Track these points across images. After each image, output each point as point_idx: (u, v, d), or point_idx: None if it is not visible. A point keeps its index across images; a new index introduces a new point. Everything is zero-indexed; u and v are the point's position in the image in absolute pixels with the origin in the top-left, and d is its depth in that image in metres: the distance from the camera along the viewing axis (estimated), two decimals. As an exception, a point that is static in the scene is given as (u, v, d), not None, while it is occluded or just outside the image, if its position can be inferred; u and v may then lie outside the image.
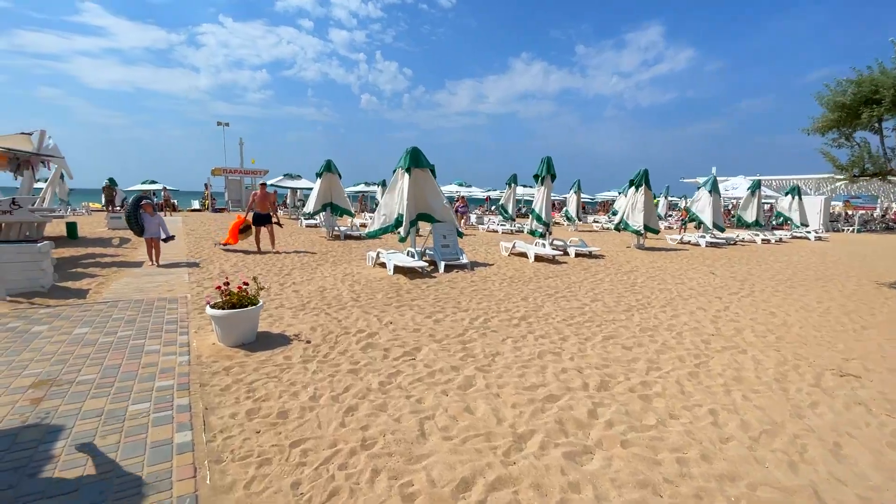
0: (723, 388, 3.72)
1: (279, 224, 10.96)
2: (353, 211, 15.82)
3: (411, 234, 9.36)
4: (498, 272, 8.95)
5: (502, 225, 19.75)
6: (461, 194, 25.33)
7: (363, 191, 34.41)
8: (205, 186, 30.48)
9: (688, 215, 17.51)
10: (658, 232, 14.27)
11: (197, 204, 30.84)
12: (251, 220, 10.70)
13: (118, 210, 19.74)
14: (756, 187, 18.35)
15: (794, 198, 20.63)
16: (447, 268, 8.95)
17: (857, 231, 25.06)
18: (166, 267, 8.49)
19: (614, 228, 14.48)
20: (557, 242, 12.12)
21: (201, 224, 18.13)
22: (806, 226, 20.54)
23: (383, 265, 9.00)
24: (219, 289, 4.48)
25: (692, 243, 15.55)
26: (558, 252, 11.03)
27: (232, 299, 4.40)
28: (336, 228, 14.45)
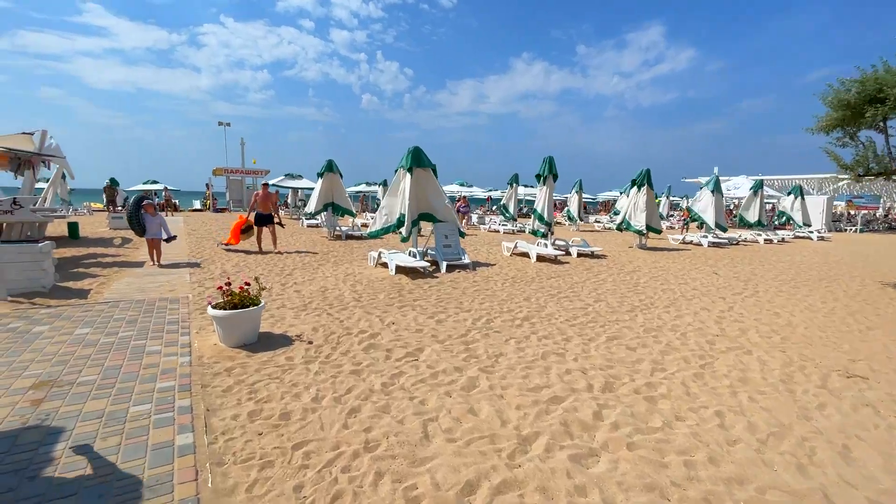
0: (729, 390, 3.69)
1: (281, 224, 10.92)
2: (355, 211, 15.79)
3: (413, 234, 9.33)
4: (500, 272, 8.92)
5: (504, 225, 19.71)
6: (463, 194, 25.30)
7: (364, 191, 34.40)
8: (206, 186, 30.50)
9: (690, 215, 17.46)
10: (660, 232, 14.23)
11: (198, 204, 30.85)
12: (253, 221, 10.68)
13: (119, 210, 19.75)
14: (759, 187, 18.29)
15: (797, 198, 20.57)
16: (449, 268, 8.92)
17: (860, 231, 24.98)
18: (168, 267, 8.47)
19: (616, 228, 14.44)
20: (559, 242, 12.09)
21: (203, 224, 18.13)
22: (808, 226, 20.48)
23: (385, 265, 8.98)
24: (220, 289, 4.46)
25: (694, 243, 15.51)
26: (560, 252, 10.99)
27: (233, 299, 4.38)
28: (337, 228, 14.43)
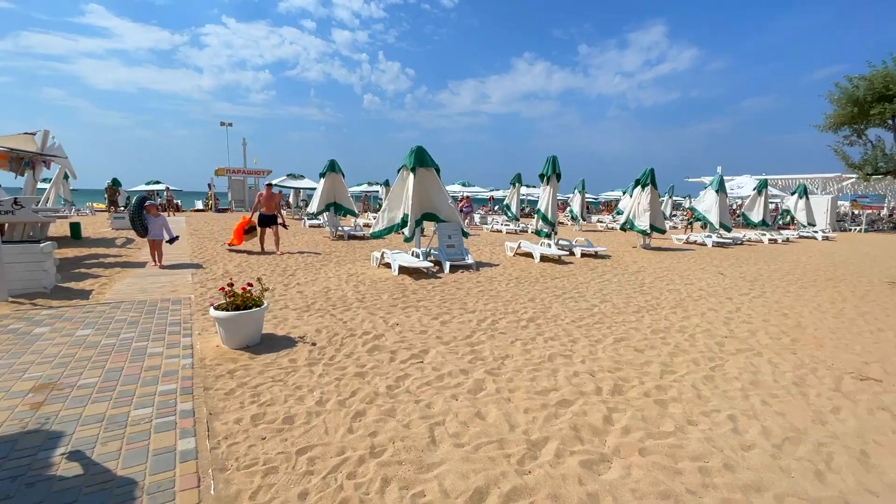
0: (740, 393, 3.61)
1: (284, 226, 10.84)
2: (357, 211, 15.74)
3: (416, 235, 9.27)
4: (504, 272, 8.85)
5: (506, 225, 19.64)
6: (465, 194, 25.23)
7: (366, 191, 34.38)
8: (208, 186, 30.51)
9: (693, 215, 17.36)
10: (664, 232, 14.14)
11: (200, 204, 30.86)
12: (257, 221, 10.62)
13: (121, 210, 19.74)
14: (763, 186, 18.18)
15: (801, 197, 20.44)
16: (452, 268, 8.86)
17: (865, 231, 24.82)
18: (170, 268, 8.42)
19: (620, 228, 14.36)
20: (563, 242, 12.02)
21: (205, 224, 18.11)
22: (813, 225, 20.35)
23: (388, 265, 8.92)
24: (222, 290, 4.40)
25: (698, 243, 15.42)
26: (564, 252, 10.92)
27: (236, 301, 4.32)
28: (339, 228, 14.38)
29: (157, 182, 30.80)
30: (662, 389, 3.63)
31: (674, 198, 31.12)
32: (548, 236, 11.71)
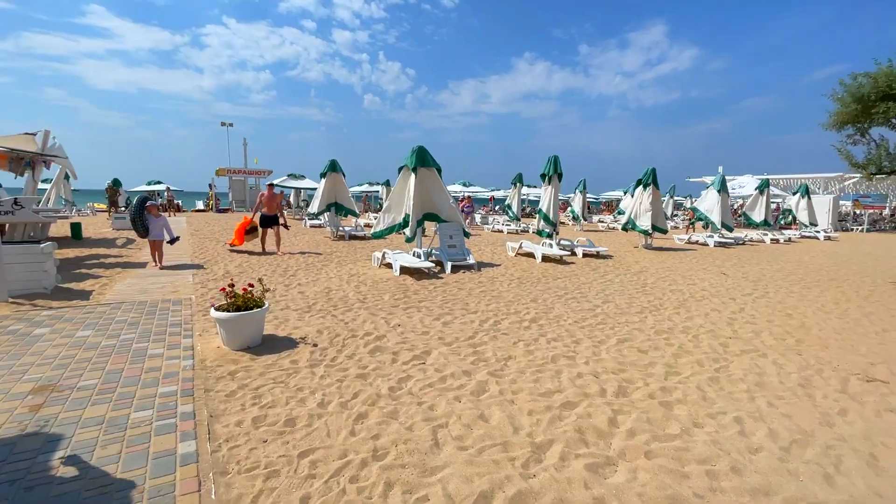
0: (746, 395, 3.57)
1: (286, 226, 10.80)
2: (357, 211, 15.71)
3: (417, 235, 9.24)
4: (505, 273, 8.81)
5: (507, 225, 19.61)
6: (466, 194, 25.20)
7: (366, 191, 34.35)
8: (209, 187, 30.50)
9: (695, 215, 17.31)
10: (666, 232, 14.10)
11: (201, 204, 30.85)
12: (258, 222, 10.58)
13: (122, 211, 19.71)
14: (765, 186, 18.12)
15: (803, 197, 20.38)
16: (454, 268, 8.82)
17: (867, 230, 24.75)
18: (170, 268, 8.40)
19: (622, 228, 14.32)
20: (564, 242, 11.98)
21: (206, 224, 18.09)
22: (815, 225, 20.28)
23: (389, 266, 8.89)
24: (223, 291, 4.37)
25: (700, 243, 15.37)
26: (566, 252, 10.88)
27: (237, 301, 4.29)
28: (340, 229, 14.36)
29: (159, 182, 30.78)
30: (667, 391, 3.60)
31: (675, 198, 31.08)
32: (549, 236, 11.67)
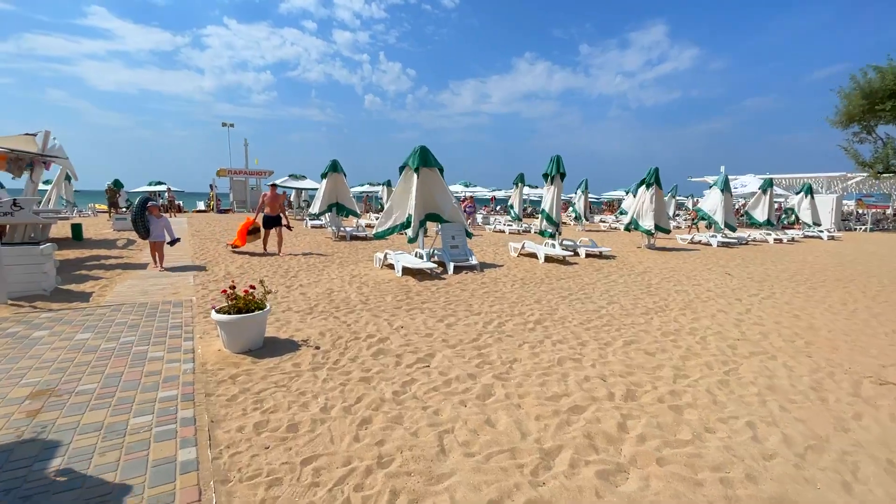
0: (757, 398, 3.50)
1: (289, 227, 10.74)
2: (359, 211, 15.66)
3: (419, 235, 9.18)
4: (508, 273, 8.74)
5: (509, 225, 19.53)
6: (468, 194, 25.13)
7: (367, 191, 34.29)
8: (210, 187, 30.46)
9: (698, 215, 17.22)
10: (669, 232, 14.02)
11: (202, 205, 30.81)
12: (261, 223, 10.51)
13: (123, 212, 19.67)
14: (768, 186, 18.02)
15: (807, 196, 20.27)
16: (456, 269, 8.75)
17: (870, 230, 24.63)
18: (171, 269, 8.34)
19: (624, 229, 14.23)
20: (567, 243, 11.91)
21: (207, 225, 18.04)
22: (818, 225, 20.18)
23: (391, 266, 8.82)
24: (224, 293, 4.31)
25: (703, 243, 15.28)
26: (569, 252, 10.81)
27: (238, 304, 4.23)
28: (342, 229, 14.29)
29: (161, 183, 30.75)
30: (677, 395, 3.53)
31: (677, 198, 30.99)
32: (552, 236, 11.60)
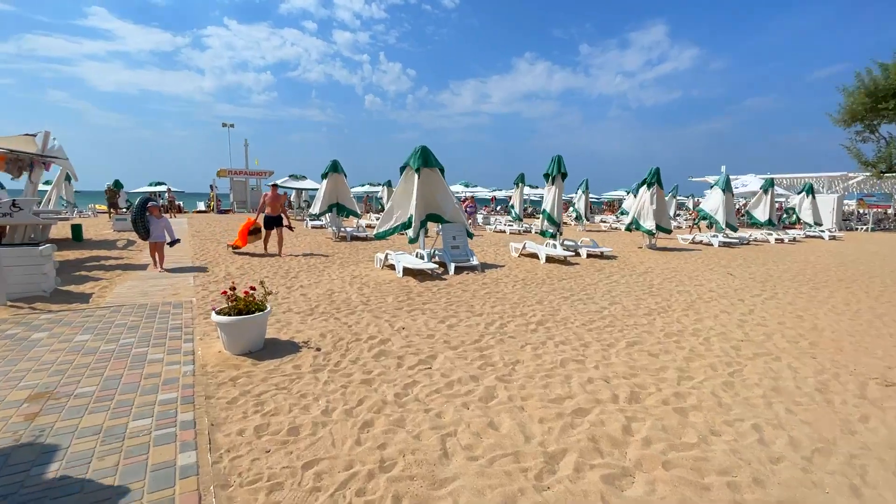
0: (763, 400, 3.47)
1: (291, 227, 10.69)
2: (359, 212, 15.62)
3: (420, 236, 9.15)
4: (509, 274, 8.71)
5: (510, 225, 19.50)
6: (468, 194, 25.10)
7: (368, 191, 34.27)
8: (210, 188, 30.44)
9: (699, 215, 17.18)
10: (670, 232, 13.98)
11: (202, 205, 30.79)
12: (262, 223, 10.47)
13: (123, 212, 19.64)
14: (769, 185, 17.98)
15: (808, 196, 20.22)
16: (457, 269, 8.72)
17: (871, 230, 24.58)
18: (171, 270, 8.31)
19: (625, 229, 14.19)
20: (568, 243, 11.87)
21: (207, 226, 18.02)
22: (820, 225, 20.13)
23: (392, 267, 8.79)
24: (225, 294, 4.28)
25: (704, 243, 15.24)
26: (570, 253, 10.77)
27: (238, 305, 4.19)
28: (342, 229, 14.26)
29: (161, 183, 30.72)
30: (681, 397, 3.50)
31: (678, 198, 30.95)
32: (553, 237, 11.57)
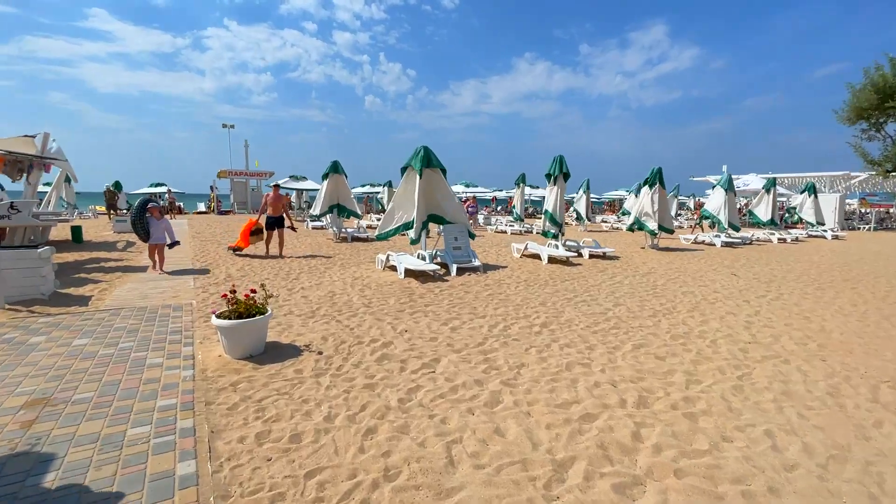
0: (773, 405, 3.40)
1: (293, 228, 10.64)
2: (360, 213, 15.56)
3: (422, 236, 9.08)
4: (512, 275, 8.65)
5: (511, 225, 19.44)
6: (469, 194, 25.04)
7: (368, 192, 34.22)
8: (210, 189, 30.40)
9: (701, 215, 17.11)
10: (672, 232, 13.91)
11: (203, 206, 30.75)
12: (264, 224, 10.40)
13: (123, 213, 19.59)
14: (771, 185, 17.90)
15: (810, 196, 20.14)
16: (459, 270, 8.66)
17: (874, 229, 24.49)
18: (171, 272, 8.25)
19: (627, 229, 14.13)
20: (570, 243, 11.81)
21: (207, 227, 17.96)
22: (822, 224, 20.05)
23: (393, 268, 8.72)
24: (225, 297, 4.22)
25: (707, 243, 15.17)
26: (572, 253, 10.71)
27: (239, 308, 4.13)
28: (343, 230, 14.20)
29: (161, 184, 30.67)
30: (690, 401, 3.43)
31: (679, 197, 30.85)
32: (555, 237, 11.50)
